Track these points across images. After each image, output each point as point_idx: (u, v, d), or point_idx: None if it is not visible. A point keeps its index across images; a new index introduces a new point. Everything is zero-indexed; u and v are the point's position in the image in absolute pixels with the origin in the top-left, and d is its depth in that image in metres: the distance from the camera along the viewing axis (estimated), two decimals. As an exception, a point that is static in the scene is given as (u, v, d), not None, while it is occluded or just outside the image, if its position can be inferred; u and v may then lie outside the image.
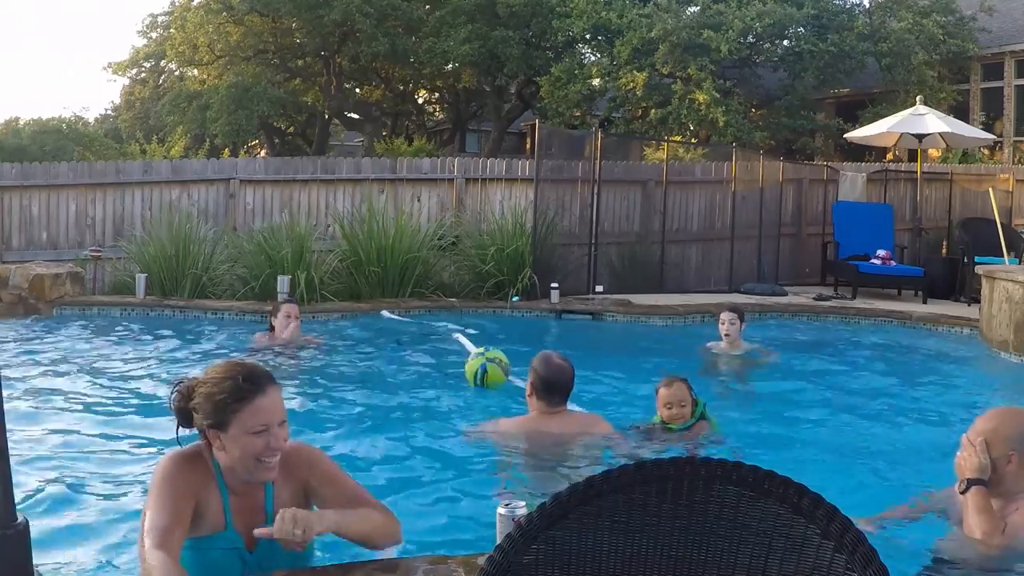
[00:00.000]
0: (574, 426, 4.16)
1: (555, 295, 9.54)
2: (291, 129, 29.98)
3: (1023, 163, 16.21)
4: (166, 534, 2.24)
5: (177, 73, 29.20)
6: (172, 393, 2.50)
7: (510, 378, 5.77)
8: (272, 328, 7.10)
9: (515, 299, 9.43)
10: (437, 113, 32.37)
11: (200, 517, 2.37)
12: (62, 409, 5.32)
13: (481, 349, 5.85)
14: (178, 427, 2.50)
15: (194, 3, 24.28)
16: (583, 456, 4.10)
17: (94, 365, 6.58)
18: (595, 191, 10.97)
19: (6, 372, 6.07)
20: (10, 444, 1.78)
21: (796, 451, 4.93)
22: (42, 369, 6.39)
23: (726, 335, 7.03)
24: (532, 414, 4.21)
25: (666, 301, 10.10)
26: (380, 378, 6.54)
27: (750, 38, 17.89)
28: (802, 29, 18.07)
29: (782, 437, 5.26)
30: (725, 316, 7.08)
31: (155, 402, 5.58)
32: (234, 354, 7.10)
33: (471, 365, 5.73)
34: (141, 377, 6.26)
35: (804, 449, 5.01)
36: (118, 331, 7.94)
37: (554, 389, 4.09)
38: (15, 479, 1.88)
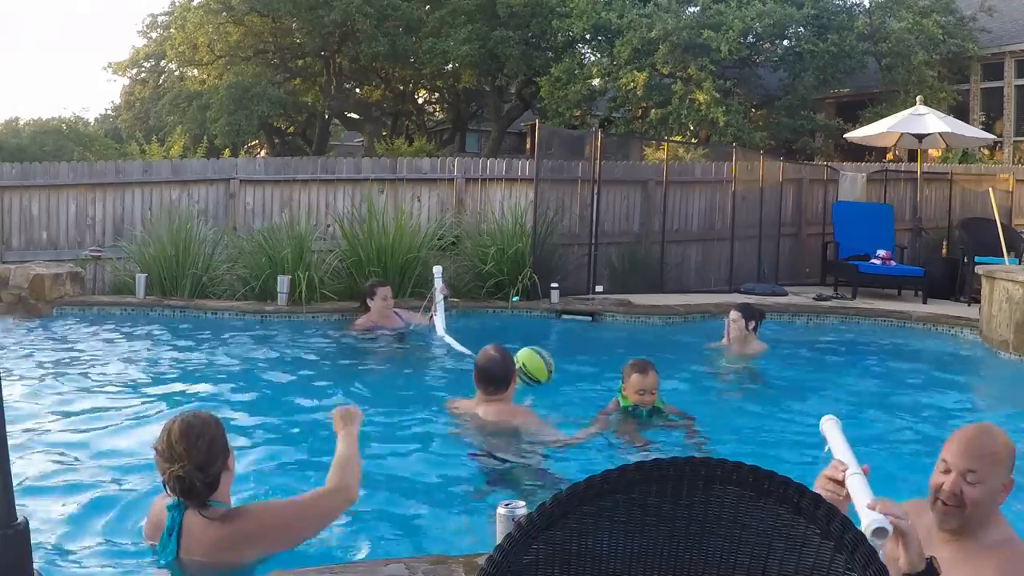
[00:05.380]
0: (496, 413, 4.64)
1: (555, 295, 9.54)
2: (291, 129, 29.98)
3: (1023, 163, 16.21)
4: None
5: (177, 73, 29.20)
6: None
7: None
8: (367, 309, 7.76)
9: (515, 299, 9.42)
10: (437, 113, 32.38)
11: None
12: (62, 409, 5.33)
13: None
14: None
15: (194, 3, 24.28)
16: (502, 440, 4.57)
17: (94, 365, 6.58)
18: (595, 191, 10.97)
19: (6, 372, 6.07)
20: (10, 444, 1.78)
21: (785, 452, 4.93)
22: (42, 369, 6.39)
23: (730, 335, 7.12)
24: (475, 398, 4.77)
25: (666, 301, 10.09)
26: (397, 374, 6.56)
27: (750, 38, 17.90)
28: (802, 29, 18.08)
29: (772, 436, 5.27)
30: (731, 315, 7.17)
31: (155, 402, 5.59)
32: (236, 351, 7.12)
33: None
34: (141, 377, 6.26)
35: (795, 450, 5.01)
36: (118, 331, 7.94)
37: (487, 379, 4.62)
38: (15, 479, 1.88)
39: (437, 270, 8.18)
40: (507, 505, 2.57)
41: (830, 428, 2.48)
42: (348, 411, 3.41)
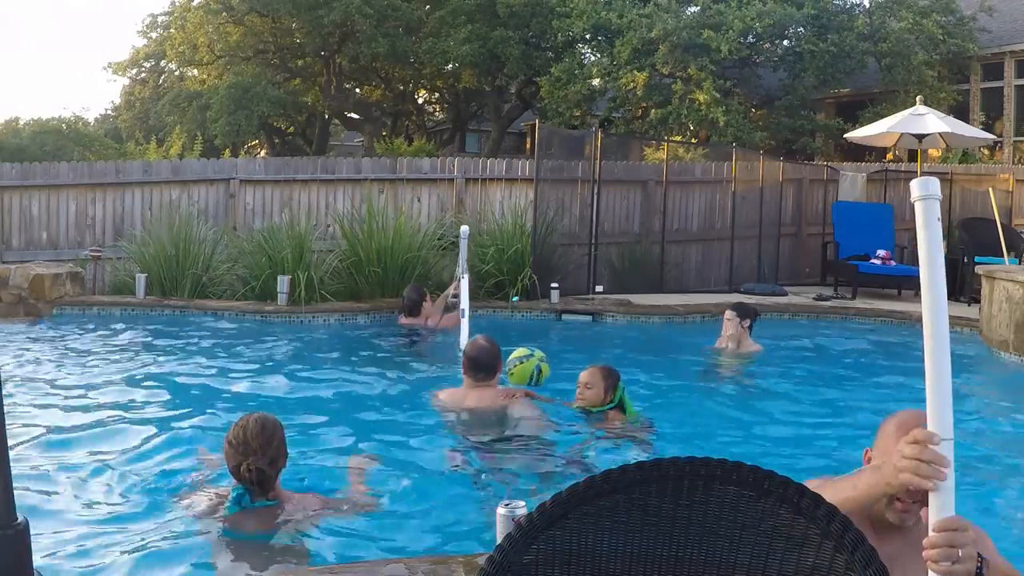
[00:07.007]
0: (487, 400, 4.89)
1: (555, 295, 9.54)
2: (291, 129, 29.97)
3: (1023, 163, 16.21)
4: None
5: (177, 73, 29.21)
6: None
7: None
8: (419, 311, 8.01)
9: (515, 299, 9.43)
10: (437, 113, 32.37)
11: None
12: (62, 409, 5.33)
13: (527, 351, 5.82)
14: None
15: (194, 3, 24.27)
16: (492, 424, 4.83)
17: (93, 365, 6.58)
18: (595, 191, 10.97)
19: (6, 372, 6.07)
20: (10, 444, 1.78)
21: (783, 451, 4.94)
22: (41, 369, 6.39)
23: (725, 333, 7.11)
24: (462, 387, 5.01)
25: (666, 301, 10.10)
26: (406, 370, 6.57)
27: (750, 38, 17.90)
28: (802, 29, 18.07)
29: (769, 436, 5.27)
30: (726, 314, 7.17)
31: (154, 402, 5.59)
32: (238, 348, 7.11)
33: (524, 368, 5.69)
34: (141, 377, 6.26)
35: (793, 449, 5.02)
36: (118, 331, 7.93)
37: (477, 367, 4.89)
38: (15, 479, 1.88)
39: (464, 230, 7.91)
40: (507, 505, 2.57)
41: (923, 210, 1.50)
42: (365, 460, 4.02)
